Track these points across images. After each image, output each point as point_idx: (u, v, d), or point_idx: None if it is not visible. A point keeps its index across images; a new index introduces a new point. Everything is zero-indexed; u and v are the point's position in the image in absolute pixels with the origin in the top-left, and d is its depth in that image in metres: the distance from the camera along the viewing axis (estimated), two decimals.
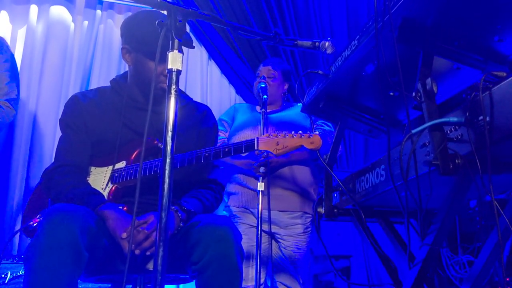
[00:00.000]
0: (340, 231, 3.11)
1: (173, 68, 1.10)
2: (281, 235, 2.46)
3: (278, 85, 2.60)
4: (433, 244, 1.12)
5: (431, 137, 1.02)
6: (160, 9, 1.16)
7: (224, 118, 2.66)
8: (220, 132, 2.56)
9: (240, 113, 2.66)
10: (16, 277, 2.22)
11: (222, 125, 2.61)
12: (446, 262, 1.91)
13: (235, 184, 2.54)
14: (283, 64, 2.70)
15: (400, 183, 1.13)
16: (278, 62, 2.68)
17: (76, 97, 1.74)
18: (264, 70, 2.60)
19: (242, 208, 2.49)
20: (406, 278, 1.23)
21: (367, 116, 1.62)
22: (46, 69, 3.12)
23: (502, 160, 1.00)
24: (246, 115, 2.61)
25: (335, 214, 1.56)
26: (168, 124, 1.07)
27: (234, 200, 2.53)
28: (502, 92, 0.91)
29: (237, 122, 2.60)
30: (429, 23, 1.10)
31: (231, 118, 2.66)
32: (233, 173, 2.55)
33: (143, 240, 1.41)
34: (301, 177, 2.48)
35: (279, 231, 2.46)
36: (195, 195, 1.66)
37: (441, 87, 1.32)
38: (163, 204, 1.01)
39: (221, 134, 2.58)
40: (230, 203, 2.55)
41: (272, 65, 2.61)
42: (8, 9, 3.17)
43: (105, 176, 1.64)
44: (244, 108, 2.71)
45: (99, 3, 3.36)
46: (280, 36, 1.40)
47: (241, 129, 2.53)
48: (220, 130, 2.57)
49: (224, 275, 1.36)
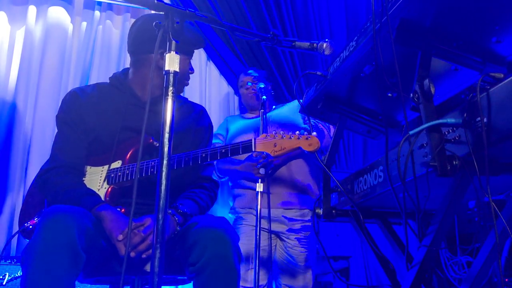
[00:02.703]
0: (339, 232, 3.11)
1: (170, 70, 1.09)
2: (286, 234, 2.47)
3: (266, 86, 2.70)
4: (431, 245, 1.12)
5: (429, 138, 1.02)
6: (157, 10, 1.16)
7: (219, 131, 2.76)
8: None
9: (232, 123, 2.77)
10: (14, 278, 2.22)
11: (217, 138, 2.71)
12: (445, 262, 1.91)
13: (239, 187, 2.61)
14: (258, 70, 2.94)
15: (398, 184, 1.13)
16: (254, 69, 2.91)
17: (75, 93, 1.72)
18: (247, 78, 2.79)
19: (247, 209, 2.55)
20: (405, 279, 1.22)
21: (365, 117, 1.61)
22: (45, 70, 3.11)
23: (500, 161, 1.00)
24: (238, 124, 2.72)
25: (333, 215, 1.56)
26: (165, 126, 1.07)
27: (239, 202, 2.59)
28: (499, 94, 0.91)
29: (231, 132, 2.70)
30: (427, 24, 1.10)
31: (225, 130, 2.77)
32: (238, 178, 2.60)
33: (139, 243, 1.41)
34: (300, 172, 2.51)
35: (284, 230, 2.47)
36: (190, 196, 1.66)
37: (439, 88, 1.32)
38: (160, 206, 1.01)
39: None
40: (236, 205, 2.61)
41: (251, 73, 2.81)
42: (6, 9, 3.16)
43: (101, 176, 1.63)
44: (235, 118, 2.83)
45: (98, 4, 3.36)
46: (278, 37, 1.40)
47: (235, 137, 2.62)
48: (217, 143, 2.66)
49: (222, 275, 1.36)
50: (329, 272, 3.02)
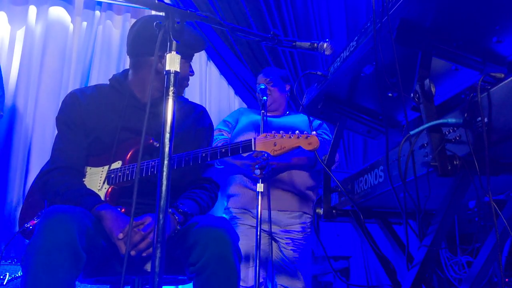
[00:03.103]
0: (339, 232, 3.11)
1: (171, 70, 1.09)
2: (280, 234, 2.47)
3: (279, 88, 2.67)
4: (431, 245, 1.12)
5: (429, 138, 1.02)
6: (158, 10, 1.16)
7: (228, 119, 2.72)
8: (223, 132, 2.65)
9: (244, 116, 2.72)
10: (14, 278, 2.22)
11: (226, 125, 2.67)
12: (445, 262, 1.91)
13: (235, 186, 2.57)
14: (278, 70, 2.84)
15: (398, 184, 1.13)
16: (273, 69, 2.83)
17: (74, 94, 1.72)
18: (261, 79, 2.71)
19: (242, 210, 2.51)
20: (405, 279, 1.22)
21: (365, 117, 1.61)
22: (45, 70, 3.11)
23: (500, 161, 1.00)
24: (249, 119, 2.67)
25: (333, 215, 1.56)
26: (166, 126, 1.07)
27: (233, 201, 2.55)
28: (500, 94, 0.91)
29: (240, 125, 2.66)
30: (428, 24, 1.10)
31: (235, 120, 2.72)
32: (234, 173, 2.57)
33: (139, 241, 1.41)
34: (300, 180, 2.51)
35: (278, 231, 2.47)
36: (190, 196, 1.66)
37: (440, 88, 1.32)
38: (161, 206, 1.01)
39: (224, 134, 2.64)
40: (230, 205, 2.57)
41: (267, 73, 2.73)
42: (6, 10, 3.16)
43: (101, 177, 1.63)
44: (248, 112, 2.77)
45: (98, 4, 3.36)
46: (279, 37, 1.40)
47: (242, 132, 2.58)
48: (224, 130, 2.64)
49: (222, 275, 1.36)
50: (329, 272, 3.02)
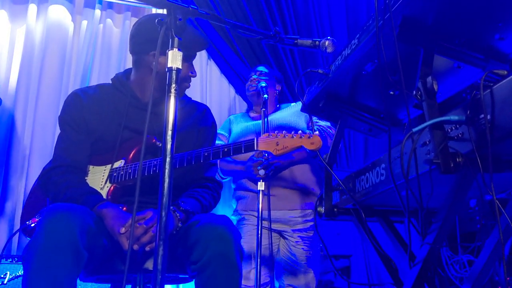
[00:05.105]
0: (340, 231, 3.11)
1: (173, 67, 1.09)
2: (290, 232, 2.48)
3: (270, 85, 2.71)
4: (434, 243, 1.12)
5: (431, 136, 1.01)
6: (159, 7, 1.16)
7: (221, 132, 2.75)
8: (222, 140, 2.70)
9: (235, 124, 2.76)
10: (15, 277, 2.22)
11: (219, 139, 2.70)
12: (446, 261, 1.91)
13: (241, 190, 2.62)
14: (272, 69, 2.91)
15: (400, 182, 1.13)
16: (266, 66, 2.88)
17: (76, 94, 1.72)
18: (256, 72, 2.77)
19: (249, 211, 2.55)
20: (407, 278, 1.22)
21: (367, 115, 1.61)
22: (46, 68, 3.11)
23: (503, 158, 1.00)
24: (241, 125, 2.70)
25: (335, 214, 1.56)
26: (168, 123, 1.06)
27: (241, 204, 2.61)
28: (503, 91, 0.91)
29: (233, 133, 2.69)
30: (430, 21, 1.10)
31: (227, 130, 2.76)
32: (240, 178, 2.61)
33: (142, 235, 1.41)
34: (303, 175, 2.51)
35: (287, 229, 2.48)
36: (192, 195, 1.65)
37: (442, 86, 1.32)
38: (163, 203, 1.00)
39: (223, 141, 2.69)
40: (239, 207, 2.63)
41: (260, 69, 2.79)
42: (7, 8, 3.16)
43: (103, 176, 1.63)
44: (238, 118, 2.81)
45: (99, 3, 3.35)
46: (280, 35, 1.39)
47: (240, 138, 2.60)
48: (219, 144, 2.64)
49: (224, 274, 1.36)
50: (330, 271, 3.02)
